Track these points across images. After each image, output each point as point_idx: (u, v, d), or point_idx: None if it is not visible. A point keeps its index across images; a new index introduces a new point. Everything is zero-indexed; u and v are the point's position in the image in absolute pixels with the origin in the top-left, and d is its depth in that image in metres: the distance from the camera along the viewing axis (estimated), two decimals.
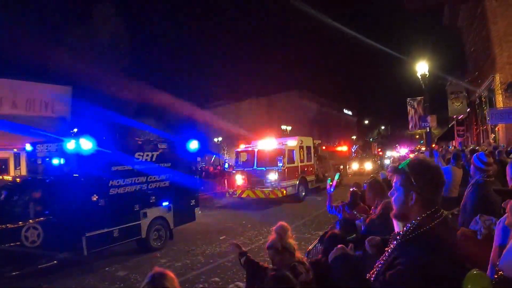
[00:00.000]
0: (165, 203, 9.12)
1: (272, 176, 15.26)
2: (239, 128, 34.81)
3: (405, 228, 1.60)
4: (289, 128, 35.45)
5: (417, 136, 48.52)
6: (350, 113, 62.68)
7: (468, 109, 20.96)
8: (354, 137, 54.65)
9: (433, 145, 18.49)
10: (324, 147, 22.33)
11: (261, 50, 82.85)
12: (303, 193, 16.66)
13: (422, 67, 15.26)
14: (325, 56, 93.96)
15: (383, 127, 72.81)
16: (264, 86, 49.00)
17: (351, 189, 5.67)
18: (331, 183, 5.49)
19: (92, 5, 36.94)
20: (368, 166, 29.83)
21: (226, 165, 21.46)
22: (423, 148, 27.18)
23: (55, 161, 7.31)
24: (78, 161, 7.04)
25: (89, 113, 28.61)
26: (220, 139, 39.87)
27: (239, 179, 16.42)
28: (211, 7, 76.36)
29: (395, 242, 1.64)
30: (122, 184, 7.85)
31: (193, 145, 10.05)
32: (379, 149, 51.76)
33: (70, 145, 6.92)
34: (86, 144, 6.83)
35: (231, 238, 9.27)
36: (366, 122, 67.92)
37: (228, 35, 79.31)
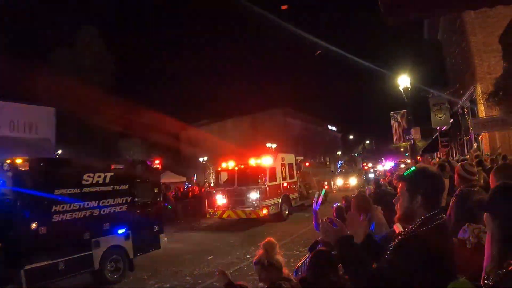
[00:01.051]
0: (122, 231, 8.09)
1: (253, 195, 14.59)
2: (224, 147, 34.28)
3: (409, 226, 1.76)
4: (274, 145, 35.02)
5: (402, 149, 48.44)
6: (334, 128, 62.64)
7: (451, 120, 21.00)
8: (339, 153, 54.45)
9: (418, 157, 18.21)
10: (307, 164, 21.76)
11: (244, 68, 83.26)
12: (286, 212, 16.00)
13: (404, 81, 15.63)
14: (308, 73, 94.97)
15: (367, 142, 73.07)
16: (248, 105, 48.80)
17: (336, 205, 5.54)
18: (317, 199, 5.11)
19: (76, 27, 36.77)
20: (353, 181, 29.40)
21: (206, 185, 20.71)
22: (408, 161, 26.98)
23: None
24: (14, 184, 6.19)
25: (73, 134, 28.07)
26: (205, 158, 39.20)
27: (220, 199, 15.69)
28: (194, 27, 76.80)
29: (396, 240, 1.77)
30: (68, 209, 6.91)
31: (156, 164, 9.14)
32: (364, 163, 51.59)
33: (6, 165, 6.11)
34: (23, 165, 6.02)
35: (219, 258, 9.39)
36: (351, 137, 68.03)
37: (211, 55, 79.58)
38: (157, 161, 9.17)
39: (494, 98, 12.84)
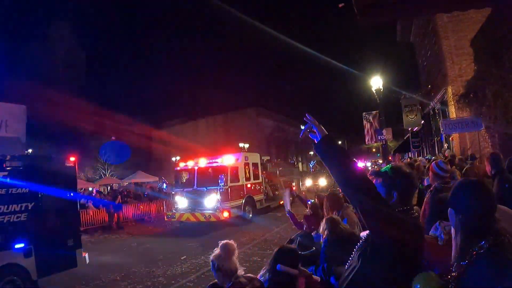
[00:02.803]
0: (20, 245, 6.42)
1: (214, 197, 13.62)
2: (197, 146, 33.37)
3: None
4: (246, 145, 34.37)
5: (374, 150, 48.82)
6: None
7: (423, 121, 21.09)
8: (312, 153, 54.34)
9: (390, 158, 17.96)
10: (273, 163, 20.88)
11: (217, 68, 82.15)
12: (250, 214, 15.01)
13: (376, 82, 15.73)
14: (281, 73, 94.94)
15: (340, 142, 73.46)
16: (221, 104, 47.91)
17: (309, 202, 5.57)
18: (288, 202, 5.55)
19: (46, 26, 35.45)
20: (323, 182, 28.80)
21: (164, 186, 19.59)
22: (380, 161, 26.80)
23: None
24: None
25: (44, 133, 26.57)
26: (178, 158, 38.11)
27: (178, 201, 14.71)
28: (166, 26, 75.10)
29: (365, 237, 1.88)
30: None
31: (70, 162, 7.51)
32: None
33: None
34: None
35: (192, 258, 9.39)
36: None
37: (184, 54, 78.15)
38: (72, 158, 7.54)
39: (465, 100, 12.92)
